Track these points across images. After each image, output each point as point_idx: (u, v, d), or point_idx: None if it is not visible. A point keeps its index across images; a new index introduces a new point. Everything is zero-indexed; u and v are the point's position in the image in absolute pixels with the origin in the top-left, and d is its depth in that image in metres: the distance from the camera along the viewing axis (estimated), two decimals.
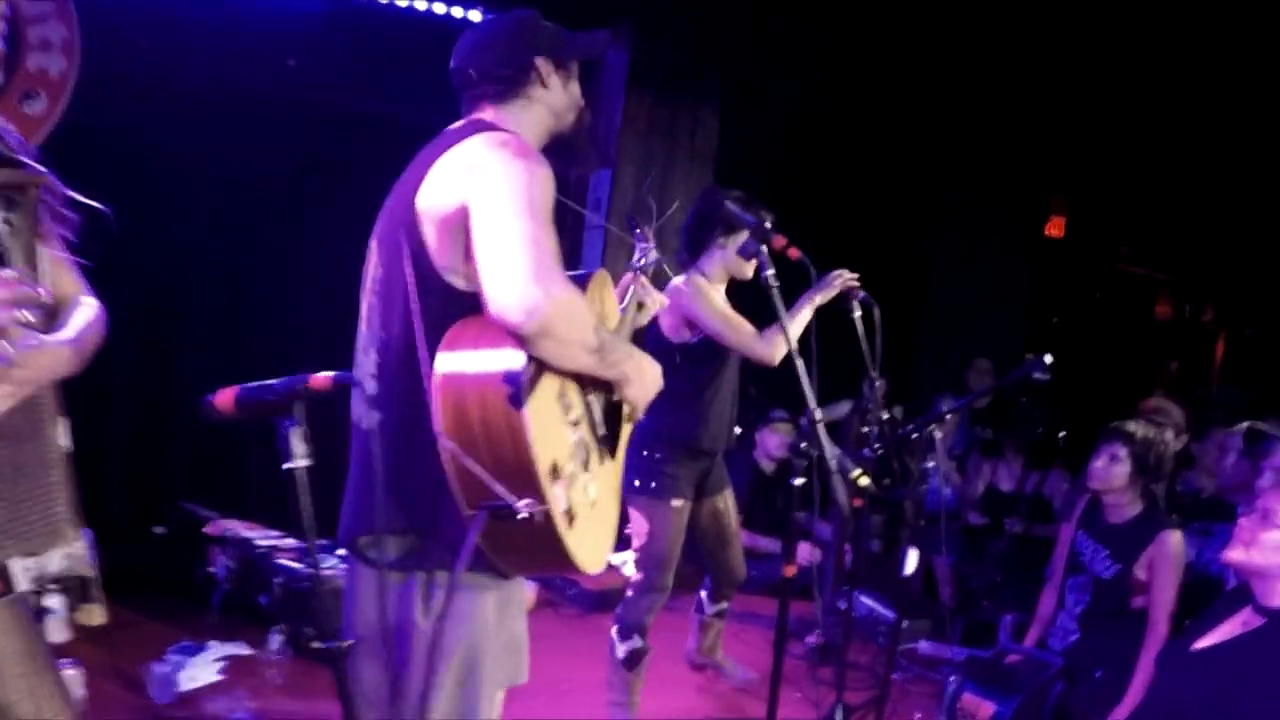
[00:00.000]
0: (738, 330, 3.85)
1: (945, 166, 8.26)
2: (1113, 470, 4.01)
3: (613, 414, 2.31)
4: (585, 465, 2.13)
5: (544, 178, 2.02)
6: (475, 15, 6.04)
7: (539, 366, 1.95)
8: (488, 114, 2.25)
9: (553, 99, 2.30)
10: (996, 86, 7.03)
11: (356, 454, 2.14)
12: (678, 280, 3.98)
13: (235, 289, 5.84)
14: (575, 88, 2.35)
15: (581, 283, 2.32)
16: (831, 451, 2.78)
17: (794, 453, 2.73)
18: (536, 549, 1.97)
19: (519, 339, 1.89)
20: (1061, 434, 6.02)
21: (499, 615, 2.12)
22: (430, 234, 2.04)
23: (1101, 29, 6.09)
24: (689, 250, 4.05)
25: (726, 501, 4.18)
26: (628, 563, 5.46)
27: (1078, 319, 9.62)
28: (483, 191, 1.98)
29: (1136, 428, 4.06)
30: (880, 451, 3.66)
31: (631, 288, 2.83)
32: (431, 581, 2.06)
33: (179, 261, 5.70)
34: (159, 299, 5.69)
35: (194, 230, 5.67)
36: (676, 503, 3.93)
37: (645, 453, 3.95)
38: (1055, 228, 9.41)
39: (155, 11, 5.25)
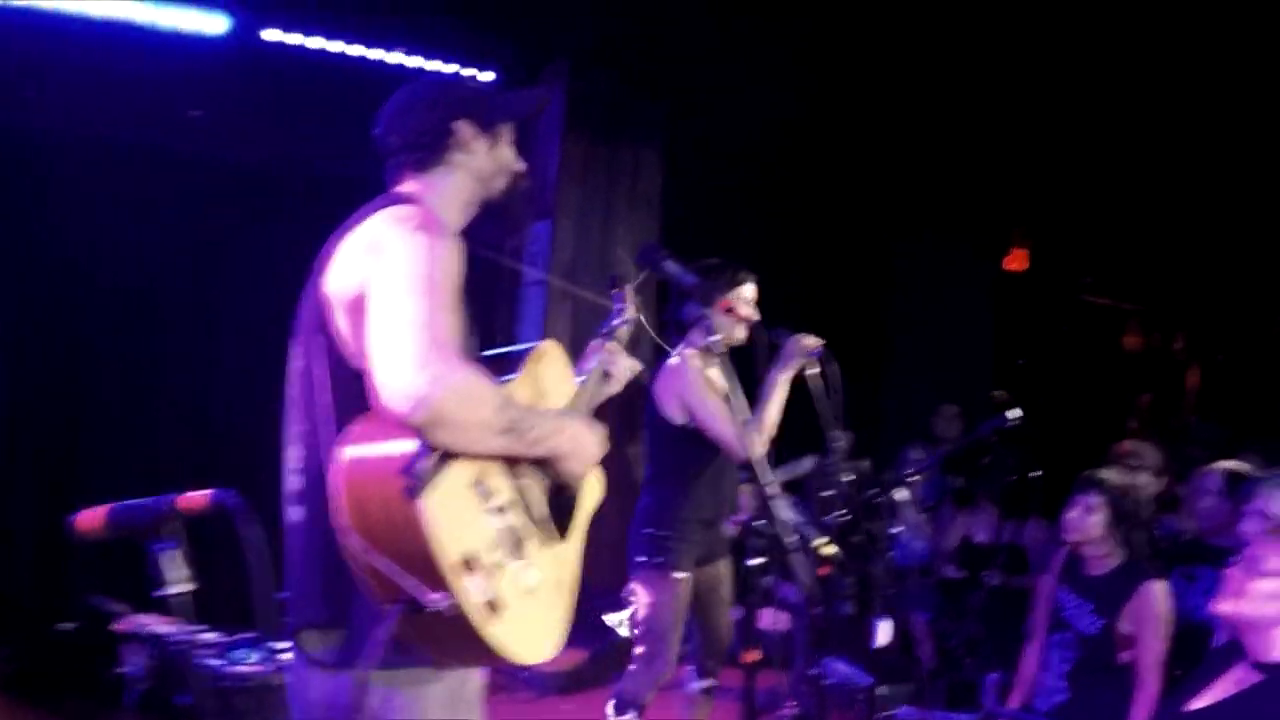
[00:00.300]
0: (724, 423, 3.84)
1: (902, 201, 8.28)
2: (1089, 520, 3.99)
3: (561, 493, 2.30)
4: (518, 553, 2.11)
5: (444, 252, 2.03)
6: (396, 57, 5.97)
7: (444, 454, 1.94)
8: (408, 183, 2.28)
9: (477, 164, 2.31)
10: (948, 120, 7.06)
11: (288, 547, 2.16)
12: (673, 360, 4.05)
13: (140, 367, 5.64)
14: (505, 152, 2.36)
15: (515, 360, 2.32)
16: (790, 524, 2.69)
17: (750, 532, 2.65)
18: (459, 642, 1.96)
19: (413, 429, 1.89)
20: (1036, 474, 5.98)
21: (449, 709, 2.10)
22: (340, 320, 2.08)
23: (1058, 53, 6.14)
24: (675, 326, 4.11)
25: (726, 567, 4.23)
26: (623, 622, 5.41)
27: (1045, 356, 9.67)
28: (379, 272, 1.99)
29: (1110, 475, 4.06)
30: (846, 518, 3.69)
31: (598, 355, 2.77)
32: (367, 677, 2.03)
33: (80, 340, 5.51)
34: (59, 382, 5.50)
35: (95, 307, 5.48)
36: (679, 575, 3.98)
37: (649, 530, 4.02)
38: (1017, 261, 9.51)
39: (32, 56, 5.01)
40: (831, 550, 3.04)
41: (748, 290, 4.07)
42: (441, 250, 2.02)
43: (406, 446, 1.89)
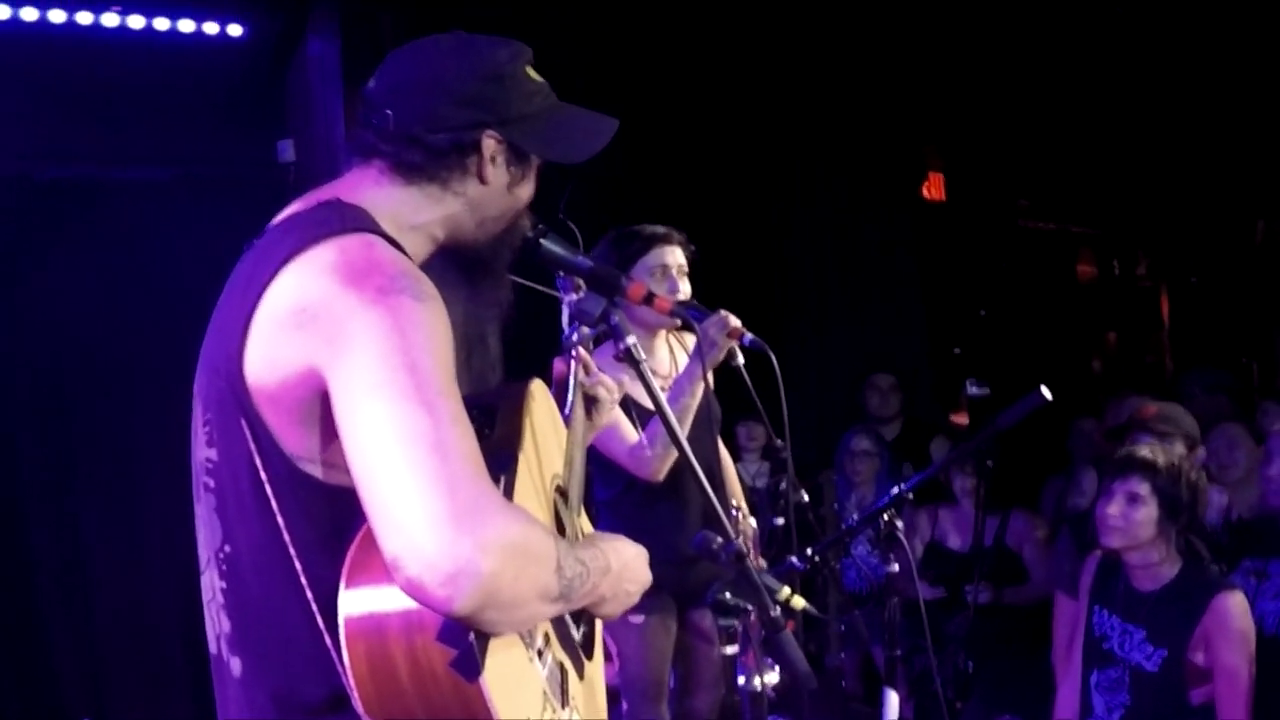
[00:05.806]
0: (613, 439, 3.77)
1: (795, 128, 8.03)
2: (1135, 516, 3.76)
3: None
4: (564, 698, 2.00)
5: (430, 322, 1.74)
6: (211, 27, 5.44)
7: None
8: (368, 185, 1.96)
9: (485, 200, 2.00)
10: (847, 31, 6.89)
11: (221, 695, 1.97)
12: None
13: None
14: (526, 192, 2.07)
15: (489, 406, 2.07)
16: (762, 583, 2.47)
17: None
18: None
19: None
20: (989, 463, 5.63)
21: None
22: (270, 415, 1.82)
23: None
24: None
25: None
26: None
27: (980, 295, 9.58)
28: (341, 369, 1.71)
29: (1155, 453, 3.85)
30: (816, 559, 3.42)
31: (572, 378, 2.51)
32: None
33: None
34: None
35: None
36: (635, 619, 3.96)
37: None
38: (934, 187, 9.33)
39: None
40: (801, 603, 2.69)
41: (669, 257, 3.86)
42: (426, 321, 1.73)
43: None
